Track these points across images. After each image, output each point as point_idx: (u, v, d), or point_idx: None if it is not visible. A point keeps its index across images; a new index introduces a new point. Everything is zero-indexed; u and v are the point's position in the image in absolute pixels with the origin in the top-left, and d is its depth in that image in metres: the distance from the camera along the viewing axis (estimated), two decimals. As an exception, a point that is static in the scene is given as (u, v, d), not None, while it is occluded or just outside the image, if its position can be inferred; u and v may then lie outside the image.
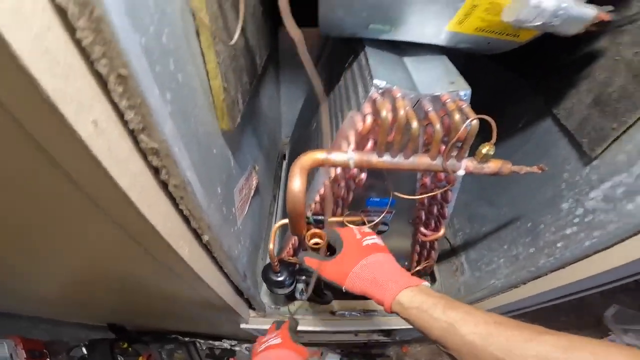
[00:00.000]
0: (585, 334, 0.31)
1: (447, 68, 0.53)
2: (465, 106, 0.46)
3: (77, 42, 0.22)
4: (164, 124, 0.34)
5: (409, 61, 0.58)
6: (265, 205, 1.04)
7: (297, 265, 0.78)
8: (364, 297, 0.45)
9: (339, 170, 0.54)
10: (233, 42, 0.38)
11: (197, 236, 0.47)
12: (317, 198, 0.61)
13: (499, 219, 0.74)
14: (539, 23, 0.43)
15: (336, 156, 0.45)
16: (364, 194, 0.64)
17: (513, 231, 0.68)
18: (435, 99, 0.47)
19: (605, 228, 0.48)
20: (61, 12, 0.21)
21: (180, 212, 0.42)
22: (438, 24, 0.50)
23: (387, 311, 0.42)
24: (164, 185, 0.37)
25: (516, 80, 0.71)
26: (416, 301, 0.39)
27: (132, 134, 0.31)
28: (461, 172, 0.47)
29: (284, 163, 1.25)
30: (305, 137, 0.93)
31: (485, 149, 0.45)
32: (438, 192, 0.53)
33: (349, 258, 0.46)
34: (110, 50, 0.24)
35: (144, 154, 0.33)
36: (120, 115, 0.29)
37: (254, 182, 0.73)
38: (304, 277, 0.78)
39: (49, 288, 0.72)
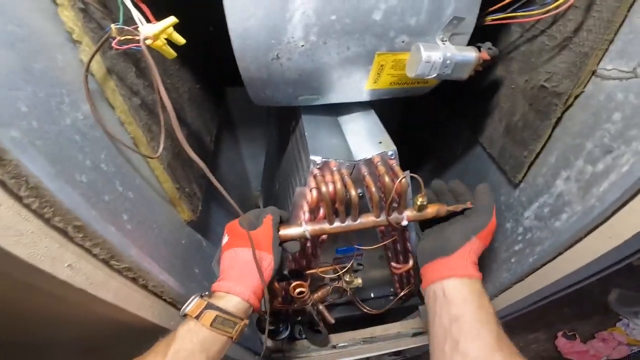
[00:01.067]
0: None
1: (376, 126, 0.60)
2: (395, 164, 0.51)
3: (29, 208, 0.27)
4: (128, 248, 0.39)
5: (343, 121, 0.64)
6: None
7: (289, 311, 0.81)
8: (359, 327, 0.51)
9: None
10: (157, 154, 0.42)
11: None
12: (290, 257, 0.65)
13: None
14: (434, 75, 0.49)
15: (293, 231, 0.50)
16: (331, 246, 0.68)
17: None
18: (369, 162, 0.53)
19: (543, 244, 0.54)
20: (1, 184, 0.25)
21: (165, 300, 0.47)
22: (357, 86, 0.56)
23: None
24: (145, 287, 0.43)
25: (448, 111, 0.78)
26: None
27: (104, 262, 0.35)
28: (404, 223, 0.52)
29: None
30: (272, 195, 0.97)
31: (419, 200, 0.51)
32: (395, 237, 0.57)
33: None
34: (57, 209, 0.29)
35: (119, 272, 0.37)
36: (89, 251, 0.33)
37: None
38: (299, 318, 0.81)
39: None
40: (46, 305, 0.38)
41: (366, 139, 0.56)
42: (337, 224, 0.50)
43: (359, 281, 0.75)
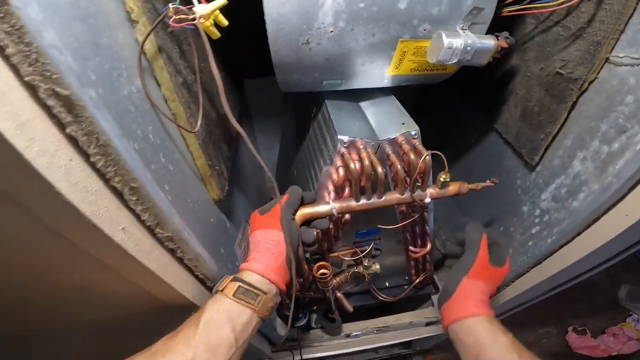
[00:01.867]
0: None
1: (397, 109, 0.62)
2: (418, 144, 0.54)
3: (93, 166, 0.29)
4: (172, 216, 0.41)
5: (364, 106, 0.67)
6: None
7: (307, 299, 0.83)
8: (372, 317, 0.52)
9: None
10: (196, 129, 0.45)
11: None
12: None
13: (475, 224, 0.82)
14: (455, 60, 0.52)
15: (320, 208, 0.52)
16: (352, 229, 0.71)
17: (490, 234, 0.76)
18: (393, 142, 0.55)
19: (561, 225, 0.56)
20: (73, 141, 0.27)
21: (196, 276, 0.49)
22: (380, 72, 0.59)
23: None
24: (181, 260, 0.45)
25: (462, 100, 0.80)
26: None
27: (150, 229, 0.38)
28: (427, 200, 0.54)
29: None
30: (288, 183, 0.99)
31: (442, 177, 0.53)
32: (415, 217, 0.60)
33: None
34: (120, 169, 0.31)
35: (161, 242, 0.40)
36: (138, 217, 0.35)
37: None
38: (315, 307, 0.82)
39: None
40: (84, 278, 0.39)
41: (389, 121, 0.59)
42: (363, 201, 0.53)
43: (377, 266, 0.77)
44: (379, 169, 0.51)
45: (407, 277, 0.95)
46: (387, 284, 0.96)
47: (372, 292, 0.87)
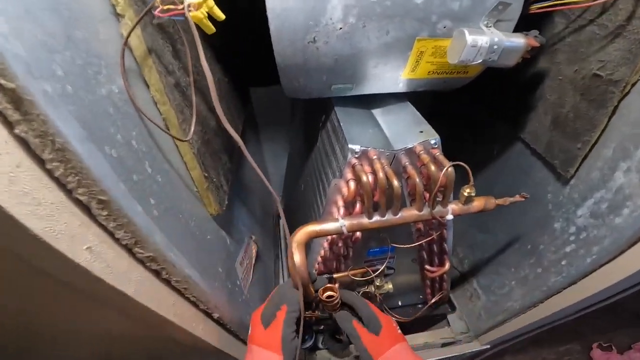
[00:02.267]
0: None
1: (414, 116, 0.56)
2: (439, 154, 0.48)
3: (51, 175, 0.23)
4: (154, 234, 0.35)
5: (377, 113, 0.61)
6: (269, 267, 1.04)
7: (313, 318, 0.77)
8: None
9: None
10: (188, 137, 0.40)
11: (208, 315, 0.49)
12: (319, 259, 0.62)
13: (497, 244, 0.75)
14: (479, 60, 0.47)
15: (328, 226, 0.46)
16: (363, 246, 0.64)
17: (515, 254, 0.69)
18: (410, 152, 0.49)
19: (602, 243, 0.49)
20: (23, 143, 0.21)
21: (187, 299, 0.44)
22: (394, 75, 0.54)
23: None
24: (167, 282, 0.39)
25: (482, 109, 0.74)
26: None
27: (127, 248, 0.32)
28: (449, 217, 0.48)
29: (280, 222, 1.25)
30: (296, 198, 0.94)
31: (467, 191, 0.47)
32: (433, 236, 0.53)
33: (387, 338, 0.50)
34: (84, 178, 0.25)
35: (142, 262, 0.34)
36: (112, 235, 0.30)
37: (253, 251, 0.73)
38: (322, 327, 0.76)
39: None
40: (52, 303, 0.33)
41: (405, 129, 0.53)
42: (376, 218, 0.47)
43: (389, 286, 0.70)
44: (395, 182, 0.45)
45: (421, 296, 0.88)
46: (399, 303, 0.89)
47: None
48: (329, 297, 0.53)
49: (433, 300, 0.82)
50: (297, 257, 0.45)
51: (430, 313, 0.89)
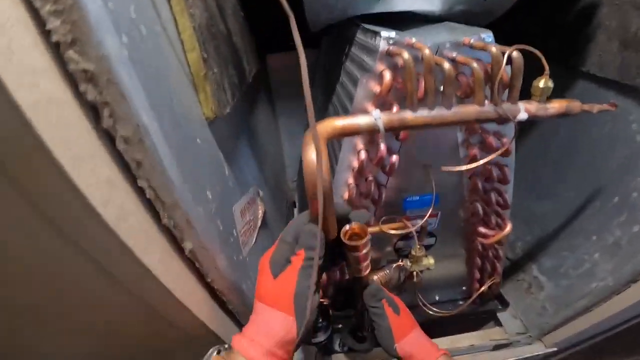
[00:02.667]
0: None
1: (456, 26, 0.46)
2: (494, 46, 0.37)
3: None
4: (103, 39, 0.23)
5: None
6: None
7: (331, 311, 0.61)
8: None
9: (363, 155, 0.43)
10: None
11: (175, 242, 0.33)
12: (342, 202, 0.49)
13: (564, 210, 0.60)
14: None
15: (358, 120, 0.34)
16: (398, 195, 0.52)
17: (596, 215, 0.54)
18: (457, 45, 0.39)
19: None
20: None
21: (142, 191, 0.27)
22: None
23: None
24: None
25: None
26: None
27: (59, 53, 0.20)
28: (523, 116, 0.35)
29: (295, 210, 1.14)
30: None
31: (542, 82, 0.35)
32: (494, 155, 0.39)
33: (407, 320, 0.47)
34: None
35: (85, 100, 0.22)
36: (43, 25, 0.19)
37: (260, 211, 0.61)
38: (340, 326, 0.60)
39: None
40: None
41: (449, 32, 0.43)
42: (422, 112, 0.35)
43: (430, 261, 0.55)
44: (446, 64, 0.34)
45: (464, 288, 0.72)
46: (437, 298, 0.73)
47: (418, 307, 0.63)
48: (353, 237, 0.38)
49: (482, 289, 0.66)
50: (314, 156, 0.29)
51: (475, 310, 0.72)
